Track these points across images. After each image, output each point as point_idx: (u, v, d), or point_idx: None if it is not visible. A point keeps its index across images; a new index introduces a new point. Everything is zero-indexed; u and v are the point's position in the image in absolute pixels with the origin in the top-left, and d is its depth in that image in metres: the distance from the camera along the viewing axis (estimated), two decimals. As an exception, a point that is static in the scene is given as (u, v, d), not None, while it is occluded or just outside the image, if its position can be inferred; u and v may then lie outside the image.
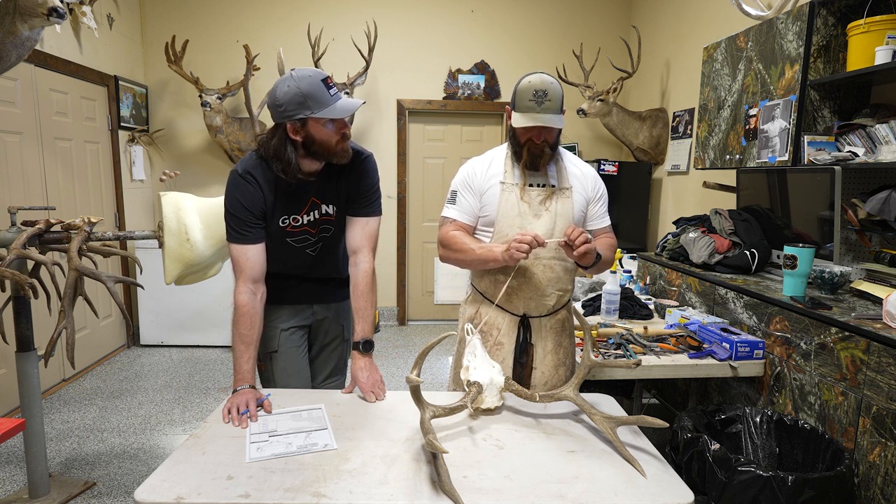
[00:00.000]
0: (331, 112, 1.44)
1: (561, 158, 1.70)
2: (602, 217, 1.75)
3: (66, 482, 2.36)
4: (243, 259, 1.53)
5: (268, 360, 1.71)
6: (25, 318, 2.15)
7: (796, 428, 1.77)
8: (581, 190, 1.69)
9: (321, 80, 1.43)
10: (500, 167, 1.68)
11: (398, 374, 3.73)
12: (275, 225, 1.58)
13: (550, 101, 1.53)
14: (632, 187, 4.08)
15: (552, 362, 1.72)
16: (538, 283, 1.65)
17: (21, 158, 3.10)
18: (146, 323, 4.20)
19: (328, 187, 1.61)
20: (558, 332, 1.73)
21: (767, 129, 2.39)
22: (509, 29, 4.66)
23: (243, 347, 1.52)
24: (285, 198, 1.56)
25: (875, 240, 2.16)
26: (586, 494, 1.10)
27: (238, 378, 1.50)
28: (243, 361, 1.51)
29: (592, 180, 1.72)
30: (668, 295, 2.74)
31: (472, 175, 1.69)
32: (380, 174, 1.73)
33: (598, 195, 1.72)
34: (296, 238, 1.62)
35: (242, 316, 1.52)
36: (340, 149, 1.51)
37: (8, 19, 2.10)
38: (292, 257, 1.66)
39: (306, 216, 1.60)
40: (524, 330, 1.69)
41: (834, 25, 2.16)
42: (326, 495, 1.07)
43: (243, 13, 4.43)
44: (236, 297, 1.53)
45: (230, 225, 1.54)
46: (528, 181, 1.65)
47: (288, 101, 1.42)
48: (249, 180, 1.51)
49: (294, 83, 1.42)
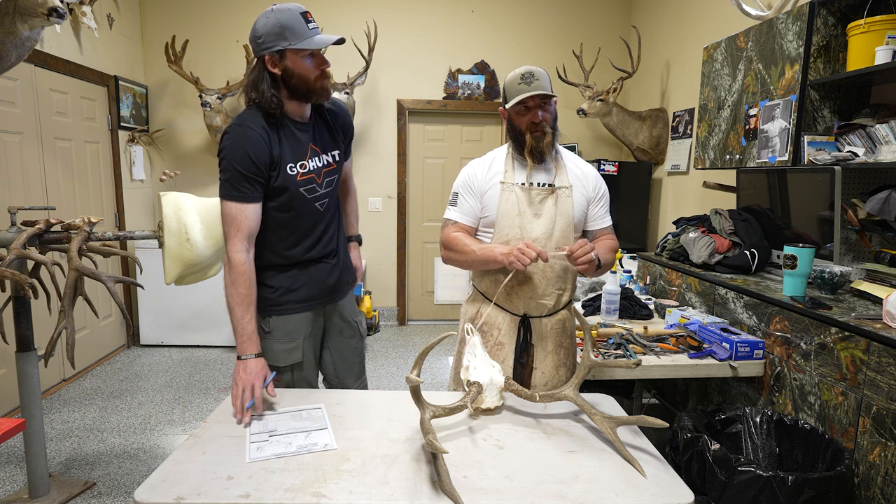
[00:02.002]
0: (308, 44, 1.46)
1: (561, 157, 1.70)
2: (603, 217, 1.75)
3: (66, 482, 2.36)
4: (242, 217, 1.49)
5: (289, 371, 1.69)
6: (25, 318, 2.15)
7: (796, 428, 1.77)
8: (582, 189, 1.69)
9: (300, 13, 1.47)
10: (501, 167, 1.69)
11: (398, 374, 3.73)
12: (284, 174, 1.53)
13: (538, 79, 1.58)
14: (632, 187, 4.08)
15: (553, 363, 1.72)
16: (538, 283, 1.65)
17: (21, 158, 3.10)
18: (146, 323, 4.20)
19: (323, 136, 1.64)
20: (559, 332, 1.73)
21: (767, 129, 2.39)
22: (509, 29, 4.66)
23: (243, 309, 1.48)
24: (288, 144, 1.55)
25: (875, 240, 2.16)
26: (586, 494, 1.10)
27: (244, 342, 1.47)
28: (245, 323, 1.48)
29: (594, 180, 1.72)
30: (668, 295, 2.74)
31: (473, 176, 1.69)
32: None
33: (599, 195, 1.72)
34: (307, 188, 1.59)
35: (241, 275, 1.48)
36: (319, 86, 1.53)
37: (8, 19, 2.10)
38: (306, 217, 1.62)
39: (311, 162, 1.59)
40: (524, 330, 1.69)
41: (834, 25, 2.16)
42: (326, 495, 1.07)
43: (243, 13, 4.43)
44: (233, 255, 1.48)
45: (230, 182, 1.48)
46: (529, 180, 1.65)
47: (266, 32, 1.45)
48: (251, 129, 1.48)
49: (273, 15, 1.45)
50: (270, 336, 1.65)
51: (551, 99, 1.63)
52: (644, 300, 2.59)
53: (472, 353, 1.51)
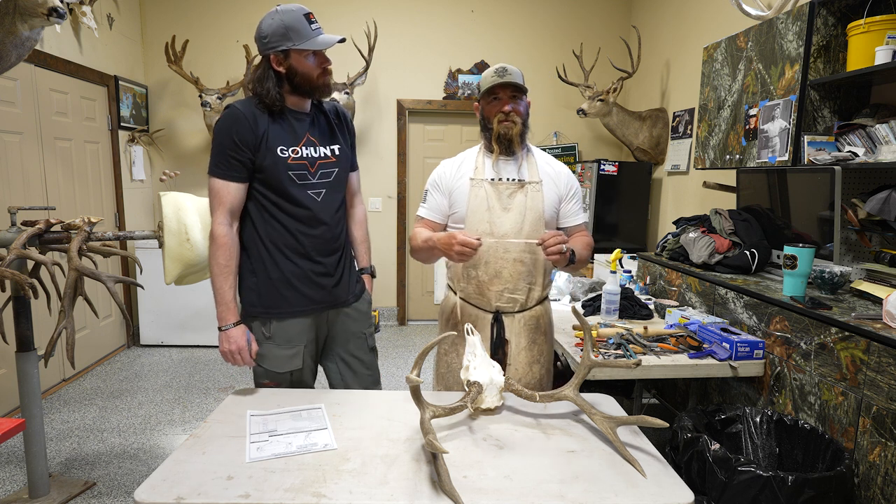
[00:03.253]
0: (311, 44, 1.53)
1: (533, 155, 1.74)
2: (575, 214, 1.77)
3: (66, 482, 2.36)
4: (225, 192, 1.56)
5: (287, 377, 1.69)
6: (25, 318, 2.15)
7: (796, 428, 1.77)
8: (553, 186, 1.72)
9: (303, 14, 1.54)
10: (472, 164, 1.73)
11: (398, 374, 3.73)
12: (273, 154, 1.57)
13: (511, 74, 1.62)
14: (632, 187, 4.08)
15: (526, 359, 1.74)
16: (507, 277, 1.68)
17: (21, 158, 3.10)
18: (146, 323, 4.20)
19: (322, 128, 1.68)
20: (532, 329, 1.74)
21: (767, 129, 2.39)
22: (509, 29, 4.66)
23: (223, 279, 1.58)
24: (280, 129, 1.59)
25: (875, 240, 2.16)
26: (586, 494, 1.10)
27: (223, 311, 1.59)
28: (225, 291, 1.59)
29: (566, 177, 1.75)
30: (668, 295, 2.74)
31: (442, 175, 1.75)
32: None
33: (571, 193, 1.76)
34: (297, 173, 1.61)
35: (221, 247, 1.57)
36: (322, 83, 1.60)
37: (8, 19, 2.10)
38: (299, 206, 1.61)
39: (304, 149, 1.63)
40: (498, 326, 1.71)
41: (834, 25, 2.16)
42: (326, 495, 1.07)
43: (243, 13, 4.43)
44: (215, 227, 1.57)
45: (215, 160, 1.56)
46: (499, 175, 1.68)
47: (271, 32, 1.53)
48: (237, 112, 1.55)
49: (277, 16, 1.52)
50: (271, 341, 1.65)
51: (523, 94, 1.66)
52: (644, 300, 2.59)
53: (473, 353, 1.51)
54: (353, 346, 1.79)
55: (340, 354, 1.79)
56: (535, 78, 4.68)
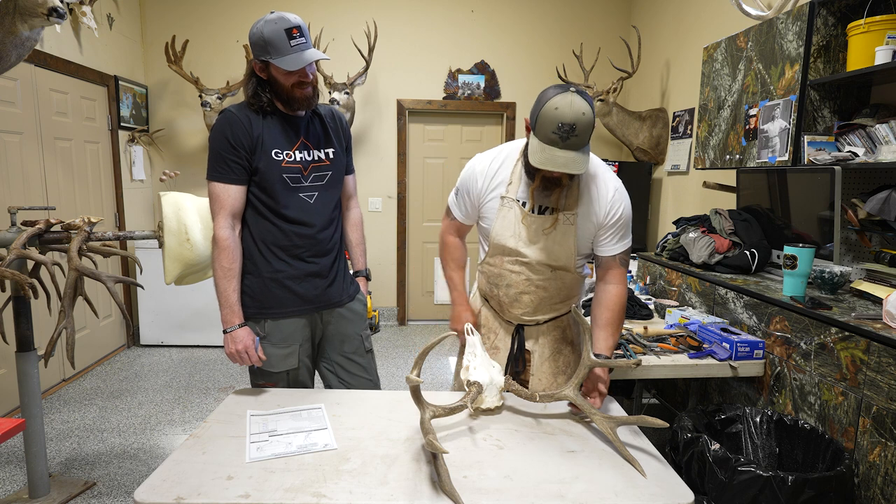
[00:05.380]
0: (283, 62, 1.52)
1: (579, 177, 1.49)
2: (611, 244, 1.54)
3: (66, 482, 2.35)
4: (225, 195, 1.57)
5: (284, 377, 1.70)
6: (25, 318, 2.15)
7: (796, 428, 1.77)
8: (590, 216, 1.51)
9: (285, 28, 1.51)
10: (506, 176, 1.55)
11: (398, 374, 3.73)
12: (268, 157, 1.58)
13: (578, 136, 1.29)
14: (632, 187, 4.01)
15: (550, 370, 1.69)
16: (528, 302, 1.62)
17: (21, 158, 3.10)
18: (146, 323, 4.20)
19: (316, 132, 1.69)
20: (557, 339, 1.69)
21: (767, 129, 2.39)
22: (509, 29, 4.66)
23: (226, 281, 1.59)
24: (275, 132, 1.60)
25: (875, 240, 2.16)
26: (586, 494, 1.10)
27: (227, 313, 1.60)
28: (229, 293, 1.60)
29: (609, 203, 1.50)
30: (668, 295, 2.74)
31: (474, 182, 1.59)
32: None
33: (614, 220, 1.51)
34: (290, 176, 1.62)
35: (224, 251, 1.58)
36: (298, 96, 1.59)
37: (8, 19, 2.10)
38: (292, 207, 1.62)
39: (298, 153, 1.63)
40: (519, 338, 1.67)
41: (834, 25, 2.16)
42: (326, 495, 1.07)
43: (243, 13, 4.43)
44: (217, 231, 1.58)
45: (213, 164, 1.58)
46: (532, 202, 1.51)
47: (254, 42, 1.54)
48: (231, 115, 1.58)
49: (262, 26, 1.52)
50: (266, 341, 1.66)
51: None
52: (644, 300, 2.59)
53: (472, 353, 1.51)
54: (348, 348, 1.79)
55: (336, 356, 1.78)
56: (535, 78, 4.68)
